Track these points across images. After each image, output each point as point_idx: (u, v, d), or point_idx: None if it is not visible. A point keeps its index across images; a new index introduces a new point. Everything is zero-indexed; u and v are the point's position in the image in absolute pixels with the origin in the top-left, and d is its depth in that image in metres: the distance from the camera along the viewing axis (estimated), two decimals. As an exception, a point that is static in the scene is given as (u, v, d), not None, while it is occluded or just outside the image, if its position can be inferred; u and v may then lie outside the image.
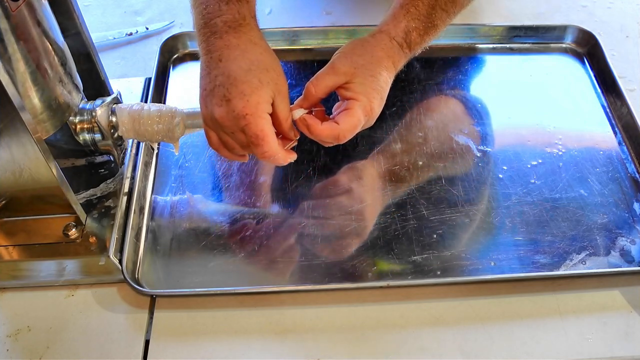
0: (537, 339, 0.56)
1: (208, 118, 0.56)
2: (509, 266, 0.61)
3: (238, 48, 0.54)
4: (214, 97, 0.53)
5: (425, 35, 0.62)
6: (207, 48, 0.55)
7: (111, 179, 0.66)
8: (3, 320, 0.58)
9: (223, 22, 0.55)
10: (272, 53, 0.56)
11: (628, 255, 0.62)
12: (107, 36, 0.87)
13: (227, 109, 0.53)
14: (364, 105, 0.57)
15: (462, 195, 0.67)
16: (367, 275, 0.60)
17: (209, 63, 0.54)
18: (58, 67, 0.56)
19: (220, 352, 0.56)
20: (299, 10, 0.91)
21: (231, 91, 0.52)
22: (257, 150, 0.54)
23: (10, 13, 0.48)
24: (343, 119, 0.56)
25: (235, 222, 0.65)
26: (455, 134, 0.73)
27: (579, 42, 0.84)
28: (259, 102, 0.52)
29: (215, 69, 0.54)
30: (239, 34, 0.55)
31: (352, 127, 0.56)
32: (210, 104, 0.54)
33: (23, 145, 0.52)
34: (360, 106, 0.57)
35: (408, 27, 0.61)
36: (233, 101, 0.52)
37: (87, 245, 0.60)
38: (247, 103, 0.52)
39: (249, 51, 0.54)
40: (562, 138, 0.73)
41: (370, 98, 0.57)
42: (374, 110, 0.58)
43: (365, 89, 0.57)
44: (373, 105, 0.57)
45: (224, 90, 0.53)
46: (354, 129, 0.57)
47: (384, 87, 0.59)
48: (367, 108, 0.57)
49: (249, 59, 0.54)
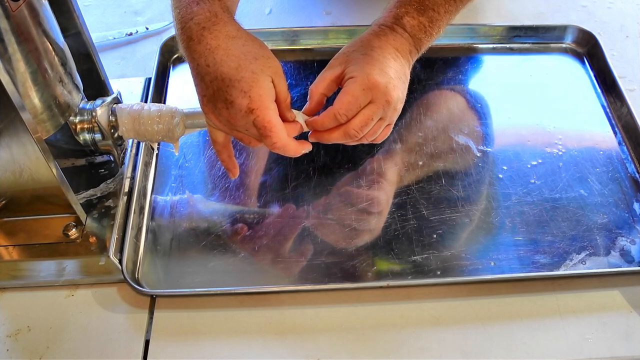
0: (537, 339, 0.56)
1: (218, 122, 0.56)
2: (508, 266, 0.61)
3: (219, 48, 0.53)
4: (217, 102, 0.53)
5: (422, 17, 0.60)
6: (190, 56, 0.54)
7: (111, 179, 0.66)
8: (3, 320, 0.58)
9: (196, 24, 0.54)
10: (254, 40, 0.55)
11: (628, 255, 0.62)
12: (107, 36, 0.87)
13: (234, 110, 0.52)
14: (360, 81, 0.55)
15: (462, 195, 0.67)
16: (367, 275, 0.60)
17: (198, 70, 0.54)
18: (58, 67, 0.56)
19: (220, 352, 0.56)
20: (299, 10, 0.91)
21: (231, 93, 0.52)
22: (267, 141, 0.53)
23: (10, 13, 0.48)
24: (337, 99, 0.55)
25: (235, 222, 0.65)
26: (455, 134, 0.73)
27: (579, 42, 0.84)
28: (260, 94, 0.52)
29: (206, 75, 0.53)
30: (215, 33, 0.54)
31: (346, 103, 0.55)
32: (217, 109, 0.54)
33: (23, 145, 0.52)
34: (355, 82, 0.55)
35: (398, 13, 0.60)
36: (236, 101, 0.52)
37: (87, 245, 0.60)
38: (250, 99, 0.52)
39: (231, 48, 0.53)
40: (562, 138, 0.73)
41: (367, 72, 0.55)
42: (379, 82, 0.55)
43: (359, 66, 0.56)
44: (373, 77, 0.55)
45: (223, 94, 0.52)
46: (351, 105, 0.55)
47: (382, 60, 0.57)
48: (365, 82, 0.55)
49: (234, 56, 0.53)
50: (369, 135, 0.58)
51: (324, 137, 0.57)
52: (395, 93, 0.56)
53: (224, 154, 0.61)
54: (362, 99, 0.55)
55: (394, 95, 0.56)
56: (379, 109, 0.55)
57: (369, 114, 0.55)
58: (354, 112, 0.55)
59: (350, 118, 0.55)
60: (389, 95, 0.55)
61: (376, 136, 0.59)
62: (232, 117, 0.53)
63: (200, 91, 0.55)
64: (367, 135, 0.58)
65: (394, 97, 0.56)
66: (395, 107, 0.57)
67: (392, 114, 0.57)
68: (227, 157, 0.62)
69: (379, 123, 0.57)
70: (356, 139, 0.57)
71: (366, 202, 0.66)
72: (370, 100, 0.55)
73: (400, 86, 0.57)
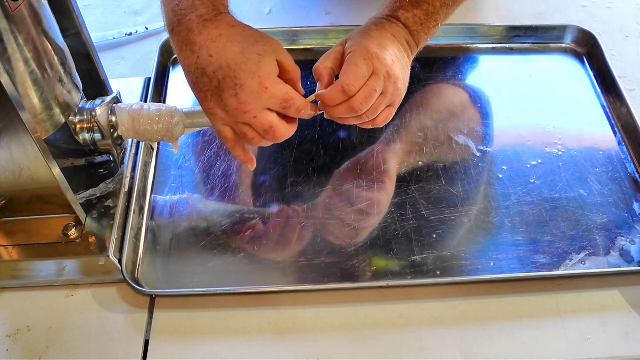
0: (537, 339, 0.56)
1: (225, 114, 0.55)
2: (508, 266, 0.61)
3: (222, 37, 0.53)
4: (223, 91, 0.53)
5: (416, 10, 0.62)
6: (189, 49, 0.54)
7: (111, 179, 0.66)
8: (3, 320, 0.58)
9: (198, 17, 0.54)
10: (251, 27, 0.56)
11: (628, 255, 0.62)
12: (107, 36, 0.87)
13: (245, 94, 0.52)
14: (359, 52, 0.57)
15: (462, 195, 0.67)
16: (367, 275, 0.60)
17: (199, 64, 0.54)
18: (58, 67, 0.56)
19: (220, 352, 0.56)
20: (298, 10, 0.92)
21: (239, 76, 0.52)
22: (291, 110, 0.55)
23: (10, 13, 0.48)
24: (341, 73, 0.57)
25: (235, 222, 0.64)
26: (455, 134, 0.73)
27: (579, 42, 0.84)
28: (269, 72, 0.53)
29: (209, 67, 0.53)
30: (216, 23, 0.54)
31: (351, 73, 0.56)
32: (223, 99, 0.53)
33: (23, 145, 0.52)
34: (355, 54, 0.57)
35: (393, 7, 0.62)
36: (246, 84, 0.52)
37: (86, 245, 0.60)
38: (260, 78, 0.52)
39: (233, 35, 0.54)
40: (562, 138, 0.73)
41: (365, 45, 0.57)
42: (377, 53, 0.57)
43: (357, 41, 0.58)
44: (371, 49, 0.57)
45: (231, 80, 0.52)
46: (355, 75, 0.56)
47: (379, 38, 0.59)
48: (364, 53, 0.57)
49: (237, 42, 0.53)
50: (370, 112, 0.59)
51: (332, 112, 0.58)
52: (395, 68, 0.58)
53: (237, 149, 0.59)
54: (364, 68, 0.56)
55: (394, 69, 0.58)
56: (381, 80, 0.57)
57: (372, 85, 0.57)
58: (359, 81, 0.56)
59: (357, 90, 0.56)
60: (389, 67, 0.57)
61: (377, 115, 0.60)
62: (242, 102, 0.53)
63: (202, 87, 0.54)
64: (369, 112, 0.58)
65: (395, 71, 0.58)
66: (396, 83, 0.58)
67: (393, 91, 0.59)
68: (242, 152, 0.60)
69: (381, 98, 0.58)
70: (360, 113, 0.58)
71: (366, 202, 0.66)
72: (372, 72, 0.57)
73: (399, 64, 0.59)
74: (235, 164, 0.70)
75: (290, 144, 0.72)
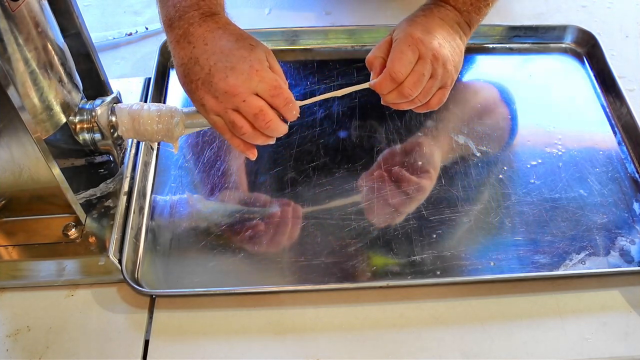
0: (537, 339, 0.56)
1: (215, 101, 0.55)
2: (508, 266, 0.61)
3: (219, 29, 0.57)
4: (215, 75, 0.54)
5: None
6: (186, 40, 0.57)
7: (111, 179, 0.66)
8: (3, 320, 0.58)
9: (200, 14, 0.57)
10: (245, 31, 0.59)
11: (628, 255, 0.62)
12: (107, 36, 0.87)
13: (235, 75, 0.54)
14: (403, 39, 0.58)
15: (462, 195, 0.67)
16: (367, 275, 0.60)
17: (193, 52, 0.56)
18: (58, 67, 0.56)
19: (220, 352, 0.56)
20: (298, 10, 0.92)
21: (231, 59, 0.54)
22: (279, 99, 0.55)
23: (10, 13, 0.48)
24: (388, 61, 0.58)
25: (235, 222, 0.65)
26: (455, 134, 0.73)
27: (579, 42, 0.84)
28: (260, 58, 0.55)
29: (203, 54, 0.55)
30: (216, 18, 0.58)
31: (398, 60, 0.57)
32: (213, 84, 0.54)
33: (23, 145, 0.52)
34: (399, 41, 0.58)
35: None
36: (238, 65, 0.54)
37: (86, 245, 0.60)
38: (251, 61, 0.54)
39: (228, 29, 0.57)
40: (562, 138, 0.73)
41: (409, 31, 0.59)
42: (422, 38, 0.58)
43: (402, 29, 0.60)
44: (416, 34, 0.58)
45: (223, 64, 0.54)
46: (401, 62, 0.57)
47: (424, 23, 0.60)
48: (408, 39, 0.58)
49: (232, 34, 0.56)
50: (422, 96, 0.60)
51: (386, 99, 0.60)
52: (443, 50, 0.59)
53: (235, 139, 0.59)
54: (409, 54, 0.57)
55: (442, 52, 0.59)
56: (427, 64, 0.58)
57: (419, 69, 0.58)
58: (406, 67, 0.57)
59: (405, 76, 0.57)
60: (435, 50, 0.58)
61: (429, 98, 0.61)
62: (232, 85, 0.54)
63: (193, 77, 0.56)
64: (421, 96, 0.60)
65: (442, 53, 0.59)
66: (444, 64, 0.59)
67: (443, 73, 0.59)
68: (241, 141, 0.59)
69: (431, 82, 0.59)
70: (410, 99, 0.59)
71: (366, 202, 0.66)
72: (419, 57, 0.58)
73: (447, 46, 0.60)
74: (236, 164, 0.70)
75: (290, 144, 0.72)
